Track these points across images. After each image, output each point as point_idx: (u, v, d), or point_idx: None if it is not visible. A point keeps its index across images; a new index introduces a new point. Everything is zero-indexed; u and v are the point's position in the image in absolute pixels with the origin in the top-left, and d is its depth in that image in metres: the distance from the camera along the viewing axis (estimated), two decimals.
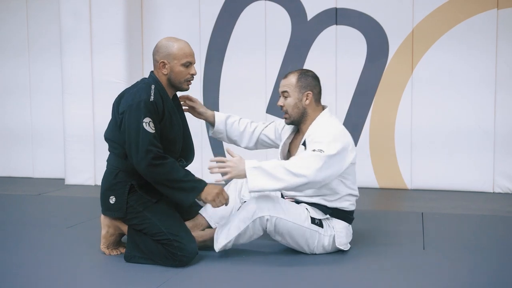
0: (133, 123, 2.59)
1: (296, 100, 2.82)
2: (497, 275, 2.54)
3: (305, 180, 2.52)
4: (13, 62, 5.57)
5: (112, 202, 2.71)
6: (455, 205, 4.16)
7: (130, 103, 2.63)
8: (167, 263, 2.60)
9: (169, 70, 2.74)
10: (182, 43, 2.80)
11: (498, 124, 4.55)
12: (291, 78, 2.85)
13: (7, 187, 5.09)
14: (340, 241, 2.75)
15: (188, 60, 2.75)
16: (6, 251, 2.91)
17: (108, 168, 2.81)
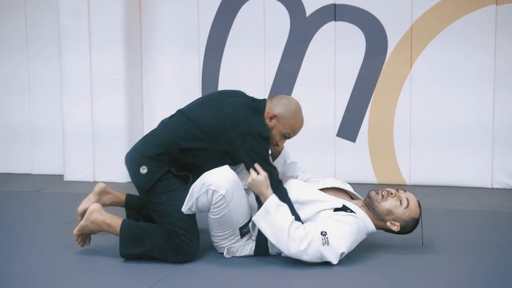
0: (263, 154, 2.59)
1: (395, 213, 2.66)
2: (495, 270, 2.54)
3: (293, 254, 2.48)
4: (12, 60, 5.56)
5: (142, 172, 2.63)
6: (453, 200, 4.16)
7: (255, 133, 2.55)
8: (168, 256, 2.58)
9: (271, 125, 2.65)
10: (300, 122, 2.72)
11: (496, 120, 4.55)
12: (417, 212, 2.69)
13: (6, 184, 5.09)
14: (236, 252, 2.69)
15: (289, 134, 2.70)
16: (5, 247, 2.91)
17: (155, 139, 2.70)
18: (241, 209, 2.58)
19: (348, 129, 4.85)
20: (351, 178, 4.81)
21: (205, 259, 2.66)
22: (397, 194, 2.68)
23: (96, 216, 2.68)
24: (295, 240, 2.45)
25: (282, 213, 2.50)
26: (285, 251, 2.49)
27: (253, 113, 2.63)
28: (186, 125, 2.67)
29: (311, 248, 2.45)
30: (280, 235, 2.46)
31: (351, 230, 2.54)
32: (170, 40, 5.22)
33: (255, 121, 2.60)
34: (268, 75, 5.00)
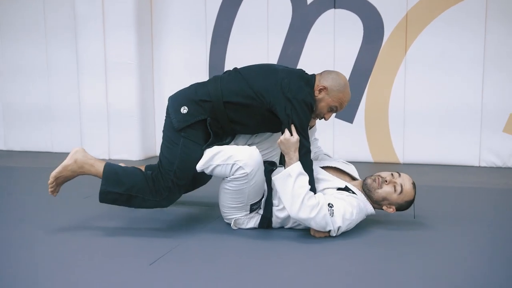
0: (305, 121, 2.55)
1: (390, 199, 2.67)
2: (481, 242, 2.59)
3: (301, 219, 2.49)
4: (32, 45, 5.57)
5: (183, 111, 2.57)
6: (444, 178, 4.19)
7: (301, 99, 2.51)
8: (146, 196, 2.55)
9: (320, 97, 2.60)
10: (347, 95, 2.67)
11: (485, 103, 4.56)
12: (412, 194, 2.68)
13: (28, 161, 5.14)
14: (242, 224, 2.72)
15: (336, 106, 2.64)
16: (29, 218, 2.96)
17: (203, 87, 2.63)
18: (258, 188, 2.59)
19: (345, 111, 4.86)
20: (348, 157, 4.85)
21: (213, 229, 2.70)
22: (392, 180, 2.66)
23: (79, 156, 2.63)
24: (307, 207, 2.46)
25: (301, 181, 2.49)
26: (294, 215, 2.49)
27: (304, 82, 2.58)
28: (238, 80, 2.61)
29: (319, 216, 2.47)
30: (295, 200, 2.46)
31: (352, 210, 2.57)
32: (179, 26, 5.21)
33: (303, 90, 2.54)
34: (271, 60, 4.99)
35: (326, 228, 2.53)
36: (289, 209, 2.51)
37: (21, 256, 2.40)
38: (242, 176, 2.52)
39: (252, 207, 2.66)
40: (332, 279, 2.12)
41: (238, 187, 2.56)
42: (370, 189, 2.68)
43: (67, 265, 2.28)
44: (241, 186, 2.56)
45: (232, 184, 2.57)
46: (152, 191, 2.58)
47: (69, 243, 2.57)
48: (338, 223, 2.53)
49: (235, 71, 2.71)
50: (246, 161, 2.50)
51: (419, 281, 2.08)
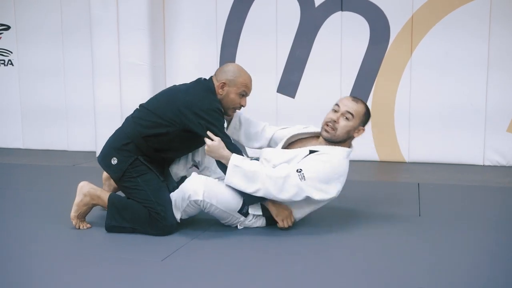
0: (218, 126, 2.57)
1: (352, 128, 2.63)
2: (486, 240, 2.57)
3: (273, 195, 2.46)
4: (48, 46, 5.59)
5: (113, 162, 2.66)
6: (448, 176, 4.17)
7: (206, 108, 2.58)
8: (149, 231, 2.58)
9: (224, 93, 2.70)
10: (247, 77, 2.77)
11: (489, 103, 4.53)
12: (360, 106, 2.64)
13: (45, 159, 5.17)
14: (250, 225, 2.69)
15: (245, 91, 2.74)
16: (45, 214, 2.99)
17: (124, 130, 2.73)
18: (227, 199, 2.53)
19: None
20: (355, 156, 4.83)
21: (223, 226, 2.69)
22: (338, 115, 2.61)
23: (88, 188, 2.70)
24: (272, 178, 2.43)
25: (250, 162, 2.48)
26: (266, 194, 2.45)
27: (203, 91, 2.66)
28: (146, 115, 2.69)
29: (289, 184, 2.43)
30: (255, 179, 2.43)
31: (325, 166, 2.50)
32: (190, 28, 5.22)
33: (205, 98, 2.62)
34: (279, 61, 4.99)
35: (301, 195, 2.46)
36: (257, 194, 2.46)
37: (37, 250, 2.43)
38: (202, 203, 2.49)
39: (242, 212, 2.61)
40: (338, 275, 2.12)
41: (210, 210, 2.54)
42: (332, 138, 2.63)
43: (83, 260, 2.30)
44: (211, 208, 2.53)
45: (206, 211, 2.56)
46: (152, 224, 2.58)
47: (85, 238, 2.59)
48: (317, 183, 2.46)
49: (141, 107, 2.79)
50: (194, 191, 2.47)
51: (424, 278, 2.07)
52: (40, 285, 2.06)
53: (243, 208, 2.60)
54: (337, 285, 2.02)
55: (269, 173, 2.45)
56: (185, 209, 2.54)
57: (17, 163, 4.93)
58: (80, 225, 2.72)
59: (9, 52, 5.76)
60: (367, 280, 2.07)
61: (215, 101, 2.65)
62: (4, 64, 5.78)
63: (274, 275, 2.12)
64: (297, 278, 2.08)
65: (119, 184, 2.71)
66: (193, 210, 2.57)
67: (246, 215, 2.63)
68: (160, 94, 2.82)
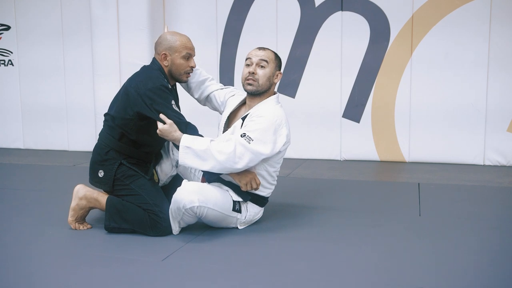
0: (164, 105, 2.54)
1: (271, 74, 2.67)
2: (486, 239, 2.57)
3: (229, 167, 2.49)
4: (49, 46, 5.60)
5: (100, 175, 2.67)
6: (449, 176, 4.17)
7: (151, 87, 2.56)
8: (148, 232, 2.57)
9: (170, 62, 2.69)
10: (184, 38, 2.73)
11: (489, 103, 4.53)
12: (270, 52, 2.71)
13: (46, 159, 5.17)
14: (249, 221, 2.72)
15: (188, 52, 2.71)
16: (48, 213, 2.99)
17: (99, 143, 2.73)
18: (220, 200, 2.56)
19: (353, 111, 4.85)
20: (356, 156, 4.85)
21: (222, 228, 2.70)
22: (253, 66, 2.64)
23: (84, 192, 2.70)
24: (222, 152, 2.46)
25: (200, 141, 2.48)
26: (222, 169, 2.48)
27: (145, 73, 2.66)
28: (110, 119, 2.69)
29: (239, 151, 2.47)
30: (207, 157, 2.46)
31: (263, 120, 2.54)
32: (190, 29, 5.21)
33: (148, 79, 2.60)
34: None
35: (257, 159, 2.50)
36: (212, 170, 2.48)
37: (37, 250, 2.43)
38: (199, 210, 2.48)
39: (235, 209, 2.62)
40: (338, 275, 2.12)
41: (207, 216, 2.53)
42: (258, 89, 2.66)
43: (83, 260, 2.30)
44: (208, 213, 2.52)
45: (203, 218, 2.55)
46: (150, 225, 2.58)
47: (85, 239, 2.59)
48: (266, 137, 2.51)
49: (105, 115, 2.78)
50: (188, 200, 2.45)
51: (424, 278, 2.07)
52: (40, 285, 2.06)
53: (235, 205, 2.63)
54: (337, 284, 2.02)
55: (219, 147, 2.48)
56: (182, 218, 2.54)
57: (18, 163, 4.93)
58: (79, 227, 2.72)
59: (9, 52, 5.76)
60: (367, 279, 2.07)
61: (158, 78, 2.61)
62: (5, 64, 5.78)
63: (274, 274, 2.12)
64: (297, 277, 2.08)
65: (115, 194, 2.68)
66: (191, 219, 2.56)
67: (240, 210, 2.66)
68: (116, 94, 2.80)
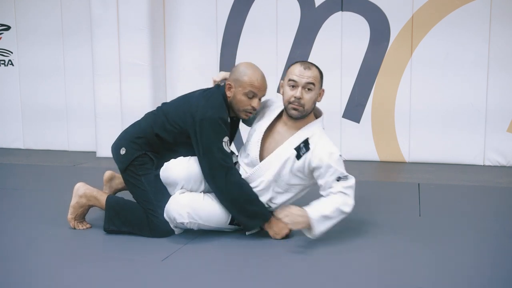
0: (214, 139, 2.44)
1: (316, 96, 2.50)
2: (485, 240, 2.57)
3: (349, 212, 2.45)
4: (49, 46, 5.59)
5: (122, 153, 2.62)
6: (449, 176, 4.17)
7: (208, 117, 2.44)
8: (144, 233, 2.54)
9: (232, 95, 2.54)
10: (255, 75, 2.54)
11: (489, 103, 4.53)
12: (315, 71, 2.50)
13: (46, 159, 5.17)
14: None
15: (252, 91, 2.51)
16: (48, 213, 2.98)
17: (137, 125, 2.69)
18: (213, 215, 2.49)
19: (353, 111, 4.85)
20: (356, 156, 4.85)
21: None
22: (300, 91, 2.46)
23: (83, 190, 2.67)
24: (346, 204, 2.40)
25: (326, 204, 2.39)
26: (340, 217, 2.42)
27: (211, 98, 2.52)
28: (160, 115, 2.64)
29: (350, 192, 2.42)
30: (337, 214, 2.39)
31: (336, 157, 2.43)
32: (191, 29, 5.22)
33: (210, 105, 2.48)
34: (280, 61, 4.99)
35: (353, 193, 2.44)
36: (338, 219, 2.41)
37: (37, 250, 2.43)
38: (189, 224, 2.45)
39: (233, 224, 2.56)
40: (338, 275, 2.12)
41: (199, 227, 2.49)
42: (302, 115, 2.49)
43: (83, 260, 2.30)
44: (200, 226, 2.48)
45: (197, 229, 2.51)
46: (149, 227, 2.54)
47: (85, 239, 2.59)
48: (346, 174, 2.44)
49: (160, 107, 2.73)
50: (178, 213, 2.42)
51: (424, 278, 2.07)
52: (40, 285, 2.06)
53: (233, 220, 2.54)
54: (337, 285, 2.02)
55: (340, 201, 2.40)
56: (176, 226, 2.53)
57: (18, 163, 4.93)
58: (78, 226, 2.72)
59: (9, 52, 5.76)
60: (367, 279, 2.07)
61: (219, 109, 2.48)
62: (5, 64, 5.78)
63: (274, 274, 2.12)
64: (297, 277, 2.08)
65: (123, 176, 2.65)
66: (184, 227, 2.53)
67: (239, 224, 2.57)
68: (178, 98, 2.74)
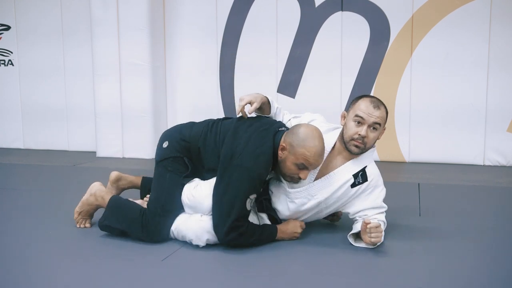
0: (237, 194, 2.30)
1: (378, 135, 2.45)
2: (485, 239, 2.57)
3: None
4: (49, 46, 5.60)
5: (164, 146, 2.55)
6: (449, 176, 4.17)
7: (247, 167, 2.29)
8: (136, 234, 2.47)
9: (283, 157, 2.36)
10: (312, 150, 2.31)
11: (489, 103, 4.53)
12: (383, 111, 2.41)
13: (46, 159, 5.17)
14: None
15: (304, 164, 2.33)
16: (48, 213, 2.98)
17: (188, 130, 2.56)
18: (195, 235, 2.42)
19: None
20: None
21: None
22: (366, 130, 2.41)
23: (95, 189, 2.67)
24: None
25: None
26: None
27: (261, 148, 2.35)
28: (212, 134, 2.51)
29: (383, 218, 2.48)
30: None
31: (382, 190, 2.48)
32: (191, 29, 5.22)
33: (256, 156, 2.33)
34: (280, 61, 5.00)
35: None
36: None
37: (37, 250, 2.43)
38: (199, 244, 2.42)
39: None
40: (337, 274, 2.12)
41: None
42: (363, 151, 2.46)
43: (83, 259, 2.30)
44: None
45: None
46: (140, 225, 2.46)
47: (85, 238, 2.59)
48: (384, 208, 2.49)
49: (220, 123, 2.57)
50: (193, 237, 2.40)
51: (424, 278, 2.07)
52: (40, 284, 2.06)
53: None
54: (338, 284, 2.02)
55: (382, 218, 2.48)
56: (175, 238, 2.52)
57: (18, 163, 4.93)
58: (79, 222, 2.72)
59: (9, 52, 5.76)
60: (367, 279, 2.07)
61: (263, 164, 2.33)
62: (5, 64, 5.79)
63: (274, 274, 2.11)
64: (295, 278, 2.08)
65: (156, 167, 2.57)
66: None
67: None
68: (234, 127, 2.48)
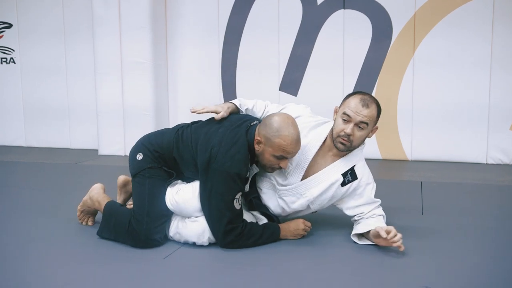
0: (221, 197, 2.28)
1: (367, 135, 2.43)
2: (488, 238, 2.57)
3: None
4: (51, 45, 5.60)
5: (138, 158, 2.48)
6: (451, 175, 4.16)
7: (224, 170, 2.26)
8: (127, 241, 2.42)
9: (260, 150, 2.32)
10: (288, 139, 2.26)
11: (492, 101, 4.52)
12: (373, 109, 2.39)
13: (48, 157, 5.17)
14: None
15: (283, 155, 2.30)
16: (51, 210, 2.99)
17: (158, 139, 2.51)
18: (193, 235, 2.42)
19: None
20: None
21: None
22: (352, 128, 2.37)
23: (94, 193, 2.67)
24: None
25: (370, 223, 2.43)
26: None
27: (236, 145, 2.30)
28: (183, 140, 2.47)
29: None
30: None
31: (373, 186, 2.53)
32: (192, 27, 5.22)
33: (232, 155, 2.28)
34: (282, 59, 4.99)
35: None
36: None
37: (39, 248, 2.43)
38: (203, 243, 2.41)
39: None
40: (339, 273, 2.12)
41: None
42: (349, 149, 2.43)
43: (85, 257, 2.30)
44: None
45: None
46: (129, 233, 2.42)
47: (87, 236, 2.59)
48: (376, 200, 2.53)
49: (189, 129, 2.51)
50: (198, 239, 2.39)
51: (427, 276, 2.06)
52: (41, 283, 2.06)
53: None
54: (338, 283, 2.02)
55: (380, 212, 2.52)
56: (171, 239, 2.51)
57: (19, 161, 4.93)
58: (83, 220, 2.74)
59: (11, 50, 5.76)
60: (369, 278, 2.06)
61: (240, 162, 2.28)
62: (6, 62, 5.79)
63: (275, 273, 2.11)
64: (297, 276, 2.08)
65: (132, 180, 2.54)
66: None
67: None
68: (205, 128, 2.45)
